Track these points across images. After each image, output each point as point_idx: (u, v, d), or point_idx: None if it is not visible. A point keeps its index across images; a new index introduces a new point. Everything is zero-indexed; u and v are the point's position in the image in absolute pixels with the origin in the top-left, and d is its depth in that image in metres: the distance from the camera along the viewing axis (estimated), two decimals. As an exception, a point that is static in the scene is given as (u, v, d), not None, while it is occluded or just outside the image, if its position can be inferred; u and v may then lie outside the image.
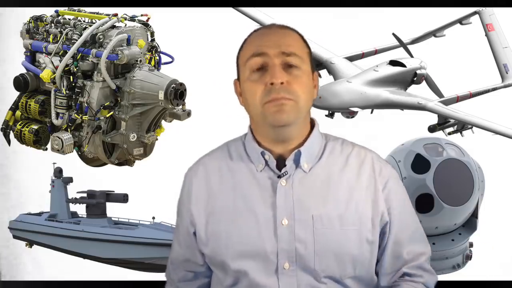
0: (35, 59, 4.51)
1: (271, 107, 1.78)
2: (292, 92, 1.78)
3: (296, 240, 1.79)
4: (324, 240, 1.79)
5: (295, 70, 1.81)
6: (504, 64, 4.80)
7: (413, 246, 1.91)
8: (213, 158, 1.95)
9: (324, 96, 4.40)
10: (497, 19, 4.86)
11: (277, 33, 1.85)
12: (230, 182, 1.87)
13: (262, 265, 1.80)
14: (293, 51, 1.82)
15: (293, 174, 1.83)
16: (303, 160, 1.84)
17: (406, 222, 1.91)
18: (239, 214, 1.83)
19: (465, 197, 3.63)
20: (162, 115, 4.41)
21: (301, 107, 1.80)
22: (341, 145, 1.91)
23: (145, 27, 4.41)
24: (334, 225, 1.80)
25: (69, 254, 5.83)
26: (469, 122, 4.48)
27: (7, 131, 4.59)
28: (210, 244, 1.86)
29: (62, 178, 5.96)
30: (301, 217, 1.80)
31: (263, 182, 1.84)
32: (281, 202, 1.81)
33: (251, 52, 1.83)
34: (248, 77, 1.83)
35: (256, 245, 1.80)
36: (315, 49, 4.79)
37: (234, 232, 1.82)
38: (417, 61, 4.74)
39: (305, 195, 1.82)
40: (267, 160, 1.85)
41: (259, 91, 1.79)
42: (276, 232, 1.80)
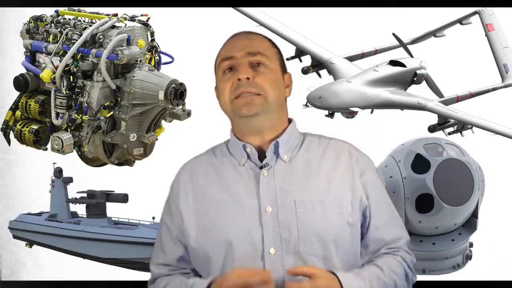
0: (35, 59, 4.51)
1: (239, 101, 1.91)
2: (258, 86, 1.92)
3: (281, 226, 1.88)
4: (307, 223, 1.88)
5: (261, 67, 1.94)
6: (504, 64, 4.80)
7: (393, 229, 2.02)
8: (198, 159, 2.07)
9: (324, 96, 4.40)
10: (497, 19, 4.86)
11: (243, 38, 2.00)
12: (215, 178, 1.98)
13: (249, 252, 1.88)
14: (258, 50, 1.95)
15: (274, 165, 1.94)
16: (282, 151, 1.95)
17: (384, 208, 2.02)
18: (226, 206, 1.93)
19: (465, 197, 3.63)
20: (162, 115, 4.42)
21: (269, 101, 1.92)
22: (319, 139, 2.03)
23: (145, 27, 4.41)
24: (316, 208, 1.90)
25: (69, 254, 5.84)
26: (469, 122, 4.48)
27: (7, 131, 4.59)
28: (198, 237, 1.94)
29: (62, 178, 5.97)
30: (284, 203, 1.90)
31: (246, 174, 1.95)
32: (264, 191, 1.91)
33: (221, 56, 1.99)
34: (220, 79, 1.98)
35: (242, 233, 1.89)
36: (315, 49, 4.79)
37: (222, 223, 1.91)
38: (417, 61, 4.74)
39: (287, 183, 1.92)
40: (248, 153, 1.96)
41: (228, 88, 1.93)
42: (261, 219, 1.89)
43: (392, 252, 2.00)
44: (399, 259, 1.99)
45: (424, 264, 3.84)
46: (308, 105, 4.39)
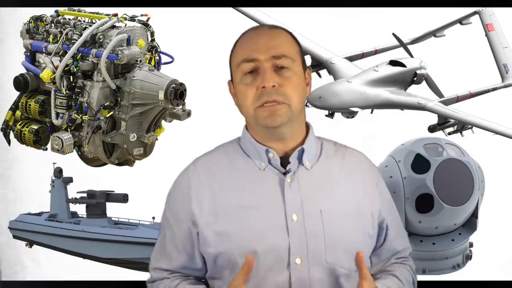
0: (35, 59, 4.51)
1: (263, 111, 1.82)
2: (283, 94, 1.82)
3: (307, 235, 1.82)
4: (334, 233, 1.83)
5: (286, 71, 1.84)
6: (504, 64, 4.80)
7: (402, 240, 2.05)
8: (211, 158, 1.96)
9: (324, 96, 4.40)
10: (497, 19, 4.86)
11: (266, 36, 1.88)
12: (233, 181, 1.89)
13: (274, 261, 1.81)
14: (283, 53, 1.85)
15: (297, 172, 1.87)
16: (305, 158, 1.88)
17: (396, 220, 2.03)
18: (248, 211, 1.84)
19: (465, 197, 3.63)
20: (162, 115, 4.42)
21: (293, 108, 1.85)
22: (335, 147, 1.98)
23: (145, 27, 4.41)
24: (341, 218, 1.85)
25: (69, 254, 5.83)
26: (469, 122, 4.48)
27: (7, 131, 4.59)
28: (218, 244, 1.85)
29: (62, 178, 5.96)
30: (310, 212, 1.83)
31: (269, 179, 1.87)
32: (289, 198, 1.84)
33: (242, 56, 1.87)
34: (241, 80, 1.87)
35: (268, 242, 1.81)
36: (315, 49, 4.79)
37: (244, 229, 1.83)
38: (417, 61, 4.74)
39: (311, 191, 1.86)
40: (270, 158, 1.88)
41: (251, 95, 1.84)
42: (287, 227, 1.82)
43: (402, 262, 2.02)
44: (409, 268, 2.02)
45: (424, 264, 3.84)
46: (308, 105, 4.39)
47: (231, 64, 1.93)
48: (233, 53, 1.92)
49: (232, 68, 1.92)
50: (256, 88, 1.83)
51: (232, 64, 1.91)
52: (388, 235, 1.97)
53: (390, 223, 1.97)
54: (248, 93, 1.84)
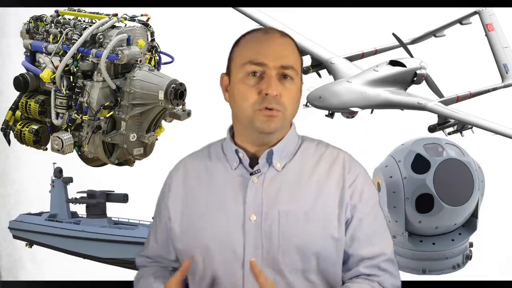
0: (35, 59, 4.51)
1: (261, 116, 1.84)
2: (282, 104, 1.85)
3: (263, 235, 1.85)
4: (289, 235, 1.85)
5: (289, 83, 1.87)
6: (504, 64, 4.80)
7: (375, 245, 1.93)
8: (193, 158, 2.03)
9: (324, 96, 4.40)
10: (497, 19, 4.86)
11: (277, 43, 1.89)
12: (206, 180, 1.95)
13: (229, 260, 1.86)
14: (291, 65, 1.87)
15: (265, 172, 1.90)
16: (275, 159, 1.90)
17: (367, 221, 1.92)
18: (211, 210, 1.90)
19: (465, 197, 3.63)
20: (162, 115, 4.42)
21: (287, 118, 1.88)
22: (316, 146, 1.97)
23: (145, 27, 4.41)
24: (299, 221, 1.85)
25: (69, 254, 5.83)
26: (469, 122, 4.48)
27: (7, 131, 4.59)
28: (183, 239, 1.93)
29: (62, 178, 5.96)
30: (268, 213, 1.86)
31: (236, 179, 1.90)
32: (250, 198, 1.87)
33: (250, 57, 1.86)
34: (242, 80, 1.87)
35: (225, 240, 1.86)
36: (315, 49, 4.79)
37: (205, 227, 1.89)
38: (417, 61, 4.74)
39: (275, 192, 1.88)
40: (241, 158, 1.91)
41: (252, 97, 1.84)
42: (244, 227, 1.85)
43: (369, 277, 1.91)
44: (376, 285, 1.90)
45: (424, 264, 3.85)
46: (308, 105, 4.39)
47: (232, 60, 1.92)
48: (237, 49, 1.92)
49: (234, 65, 1.91)
50: (258, 92, 1.84)
51: (235, 61, 1.91)
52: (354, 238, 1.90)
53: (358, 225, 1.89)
54: (249, 95, 1.85)
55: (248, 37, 1.93)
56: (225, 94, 1.94)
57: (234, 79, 1.90)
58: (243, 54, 1.88)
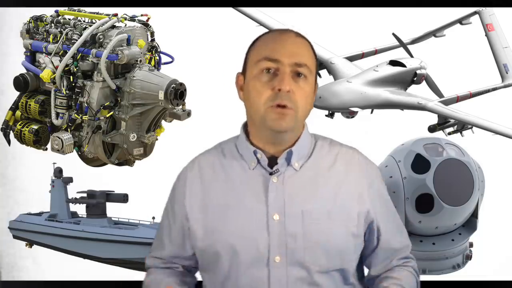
0: (35, 59, 4.51)
1: (273, 113, 1.85)
2: (294, 101, 1.85)
3: (287, 234, 1.86)
4: (313, 233, 1.87)
5: (302, 81, 1.88)
6: (504, 64, 4.80)
7: (401, 238, 2.05)
8: (206, 157, 2.02)
9: (324, 96, 4.40)
10: (497, 19, 4.86)
11: (292, 41, 1.92)
12: (223, 179, 1.95)
13: (254, 259, 1.87)
14: (305, 63, 1.89)
15: (284, 172, 1.91)
16: (294, 159, 1.92)
17: (392, 218, 2.03)
18: (232, 209, 1.91)
19: (465, 197, 3.63)
20: (162, 115, 4.42)
21: (299, 117, 1.88)
22: (329, 145, 2.00)
23: (145, 27, 4.41)
24: (322, 219, 1.89)
25: (69, 254, 5.83)
26: (469, 122, 4.48)
27: (7, 131, 4.59)
28: (205, 239, 1.93)
29: (62, 178, 5.96)
30: (291, 212, 1.88)
31: (255, 179, 1.92)
32: (272, 198, 1.89)
33: (265, 54, 1.89)
34: (256, 77, 1.89)
35: (249, 240, 1.87)
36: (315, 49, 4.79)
37: (228, 227, 1.89)
38: (417, 61, 4.74)
39: (295, 192, 1.90)
40: (259, 158, 1.92)
41: (265, 94, 1.86)
42: (268, 226, 1.87)
43: (404, 264, 2.02)
44: (411, 270, 2.02)
45: (424, 264, 3.84)
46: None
47: (248, 59, 1.95)
48: (253, 49, 1.94)
49: (249, 63, 1.93)
50: (272, 89, 1.85)
51: (250, 59, 1.93)
52: (381, 235, 1.98)
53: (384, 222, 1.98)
54: (262, 91, 1.86)
55: (264, 37, 1.96)
56: (240, 93, 1.96)
57: (248, 76, 1.92)
58: (258, 52, 1.91)
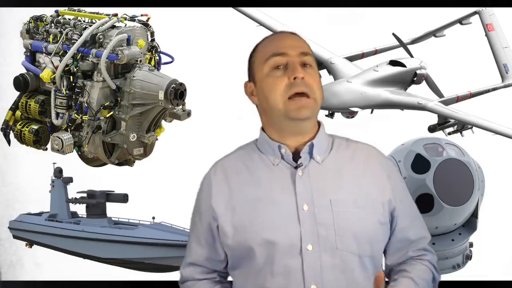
0: (35, 59, 4.51)
1: (293, 104, 1.92)
2: (310, 86, 1.94)
3: (317, 223, 1.91)
4: (343, 221, 1.92)
5: (310, 69, 1.97)
6: (504, 64, 4.80)
7: (418, 229, 2.08)
8: (228, 160, 2.08)
9: (324, 96, 4.39)
10: (497, 19, 4.86)
11: (292, 38, 2.03)
12: (248, 178, 2.00)
13: (287, 249, 1.91)
14: (308, 52, 1.99)
15: (308, 165, 1.97)
16: (315, 152, 1.98)
17: (410, 209, 2.08)
18: (262, 204, 1.95)
19: (465, 197, 3.63)
20: (162, 115, 4.41)
21: (317, 102, 1.97)
22: (346, 142, 2.07)
23: (145, 27, 4.41)
24: (350, 208, 1.94)
25: (69, 254, 5.84)
26: (469, 122, 4.48)
27: (7, 131, 4.59)
28: (236, 235, 1.96)
29: (62, 178, 5.97)
30: (320, 202, 1.93)
31: (281, 173, 1.97)
32: (300, 190, 1.94)
33: (271, 51, 1.97)
34: (268, 74, 1.96)
35: (281, 231, 1.92)
36: (315, 49, 4.79)
37: (259, 221, 1.94)
38: (417, 61, 4.74)
39: (321, 183, 1.95)
40: (283, 154, 1.98)
41: (281, 86, 1.93)
42: (299, 217, 1.92)
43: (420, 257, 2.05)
44: (427, 264, 2.05)
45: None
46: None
47: (253, 63, 2.02)
48: (256, 52, 2.02)
49: (257, 65, 2.00)
50: (287, 79, 1.93)
51: (257, 61, 2.00)
52: (398, 224, 2.02)
53: (401, 212, 2.03)
54: (278, 85, 1.93)
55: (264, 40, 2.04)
56: (252, 98, 2.03)
57: (260, 77, 1.99)
58: (264, 52, 1.99)
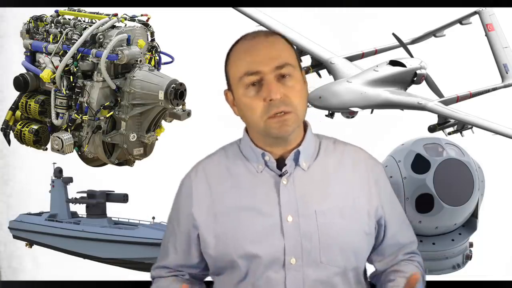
0: (35, 59, 4.51)
1: (274, 122, 1.83)
2: (290, 104, 1.83)
3: (302, 235, 1.84)
4: (328, 233, 1.86)
5: (289, 80, 1.84)
6: (504, 64, 4.80)
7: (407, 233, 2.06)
8: (211, 162, 1.99)
9: (324, 96, 4.40)
10: (497, 19, 4.86)
11: (265, 45, 1.87)
12: (231, 184, 1.91)
13: (270, 262, 1.85)
14: (285, 62, 1.84)
15: (293, 173, 1.89)
16: (301, 159, 1.90)
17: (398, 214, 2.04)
18: (245, 214, 1.88)
19: (465, 197, 3.62)
20: (162, 115, 4.42)
21: (299, 116, 1.87)
22: (334, 144, 1.99)
23: (145, 27, 4.41)
24: (335, 218, 1.87)
25: (69, 254, 5.83)
26: (469, 122, 4.48)
27: (7, 131, 4.59)
28: (217, 246, 1.89)
29: (62, 178, 5.96)
30: (304, 212, 1.86)
31: (265, 182, 1.89)
32: (285, 199, 1.86)
33: (244, 69, 1.84)
34: (244, 94, 1.85)
35: (263, 243, 1.85)
36: (315, 49, 4.79)
37: (241, 233, 1.87)
38: (417, 61, 4.74)
39: (307, 192, 1.88)
40: (266, 161, 1.90)
41: (258, 108, 1.83)
42: (282, 229, 1.85)
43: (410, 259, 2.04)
44: (417, 264, 2.05)
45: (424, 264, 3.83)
46: (308, 105, 4.38)
47: (229, 75, 1.91)
48: (230, 63, 1.91)
49: (232, 80, 1.90)
50: (262, 100, 1.82)
51: (232, 76, 1.89)
52: (388, 230, 1.98)
53: (391, 218, 1.98)
54: (255, 106, 1.83)
55: (236, 48, 1.91)
56: (234, 109, 1.93)
57: (236, 95, 1.89)
58: (237, 68, 1.87)
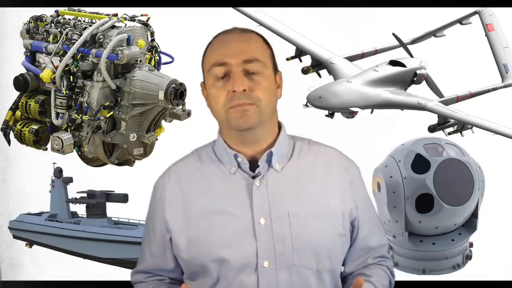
0: (35, 59, 4.51)
1: (234, 112, 1.85)
2: (253, 97, 1.84)
3: (274, 238, 1.83)
4: (301, 235, 1.85)
5: (256, 76, 1.86)
6: (504, 64, 4.80)
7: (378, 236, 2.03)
8: (184, 164, 2.00)
9: (324, 96, 4.40)
10: (497, 19, 4.86)
11: (238, 39, 1.91)
12: (204, 187, 1.91)
13: (242, 265, 1.84)
14: (254, 57, 1.87)
15: (266, 174, 1.89)
16: (274, 160, 1.90)
17: (371, 216, 2.02)
18: (217, 217, 1.87)
19: (465, 197, 3.63)
20: (162, 115, 4.42)
21: (262, 110, 1.86)
22: (309, 145, 1.98)
23: (145, 27, 4.41)
24: (309, 220, 1.86)
25: (69, 254, 5.83)
26: (469, 122, 4.48)
27: (7, 131, 4.59)
28: (190, 249, 1.89)
29: (62, 178, 5.95)
30: (277, 215, 1.85)
31: (238, 184, 1.89)
32: (257, 202, 1.85)
33: (213, 60, 1.89)
34: (212, 84, 1.89)
35: (236, 246, 1.84)
36: (315, 49, 4.79)
37: (213, 237, 1.86)
38: (417, 61, 4.74)
39: (280, 194, 1.87)
40: (239, 162, 1.90)
41: (222, 98, 1.87)
42: (255, 232, 1.84)
43: (379, 262, 2.01)
44: (385, 269, 2.01)
45: (424, 264, 3.85)
46: (308, 105, 4.39)
47: (203, 66, 1.96)
48: (204, 56, 1.96)
49: (204, 71, 1.94)
50: (227, 92, 1.85)
51: (204, 66, 1.94)
52: (360, 232, 1.96)
53: (363, 220, 1.96)
54: (219, 97, 1.87)
55: (213, 41, 1.97)
56: (207, 101, 1.99)
57: (207, 85, 1.93)
58: (208, 60, 1.92)
